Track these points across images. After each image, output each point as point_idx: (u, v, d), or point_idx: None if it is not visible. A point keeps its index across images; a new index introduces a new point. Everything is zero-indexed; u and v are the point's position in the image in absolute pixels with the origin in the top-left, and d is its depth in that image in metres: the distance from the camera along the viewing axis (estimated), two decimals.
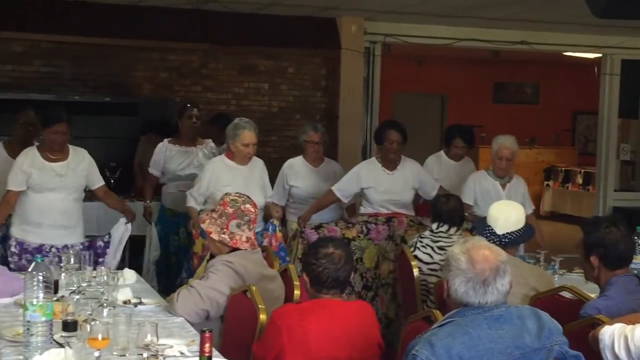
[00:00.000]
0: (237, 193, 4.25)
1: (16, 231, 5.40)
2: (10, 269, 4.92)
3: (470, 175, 6.21)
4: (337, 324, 3.33)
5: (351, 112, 9.17)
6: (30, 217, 5.38)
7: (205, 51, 9.16)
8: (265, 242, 5.47)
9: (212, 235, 4.05)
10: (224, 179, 5.60)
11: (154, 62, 9.07)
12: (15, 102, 7.12)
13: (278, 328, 3.29)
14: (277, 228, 5.70)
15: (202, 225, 4.11)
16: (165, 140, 6.53)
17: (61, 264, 4.27)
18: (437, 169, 6.72)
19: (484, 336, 2.60)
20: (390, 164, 6.13)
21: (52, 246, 5.36)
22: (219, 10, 8.50)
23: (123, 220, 5.50)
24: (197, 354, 3.04)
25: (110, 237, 5.39)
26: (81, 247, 5.35)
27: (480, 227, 4.53)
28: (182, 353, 3.21)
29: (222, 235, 4.02)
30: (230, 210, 4.05)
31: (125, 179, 7.40)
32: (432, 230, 5.25)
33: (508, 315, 2.67)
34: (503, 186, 6.04)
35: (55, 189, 5.36)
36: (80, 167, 5.47)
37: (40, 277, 3.10)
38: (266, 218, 5.68)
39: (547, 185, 14.79)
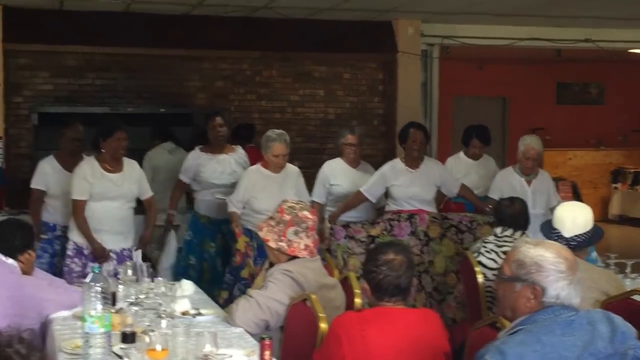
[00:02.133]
0: (294, 200, 4.21)
1: (74, 236, 5.62)
2: (62, 273, 5.26)
3: (499, 172, 6.52)
4: (399, 333, 3.22)
5: (409, 117, 8.98)
6: (89, 224, 5.57)
7: (257, 59, 9.16)
8: None
9: (269, 243, 3.99)
10: (258, 186, 5.98)
11: (207, 71, 9.12)
12: (71, 115, 7.25)
13: (338, 337, 3.20)
14: None
15: (260, 233, 4.06)
16: (197, 149, 6.65)
17: (118, 276, 4.26)
18: (457, 169, 7.08)
19: (557, 343, 2.49)
20: (413, 162, 6.41)
21: (109, 250, 5.56)
22: (271, 17, 8.49)
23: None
24: None
25: None
26: (130, 251, 5.57)
27: (546, 230, 4.38)
28: None
29: (280, 243, 3.96)
30: (288, 217, 3.98)
31: None
32: (496, 235, 5.16)
33: (579, 320, 2.55)
34: (529, 182, 6.38)
35: (114, 198, 5.62)
36: (134, 177, 5.75)
37: (98, 289, 3.11)
38: None
39: (615, 187, 14.45)
